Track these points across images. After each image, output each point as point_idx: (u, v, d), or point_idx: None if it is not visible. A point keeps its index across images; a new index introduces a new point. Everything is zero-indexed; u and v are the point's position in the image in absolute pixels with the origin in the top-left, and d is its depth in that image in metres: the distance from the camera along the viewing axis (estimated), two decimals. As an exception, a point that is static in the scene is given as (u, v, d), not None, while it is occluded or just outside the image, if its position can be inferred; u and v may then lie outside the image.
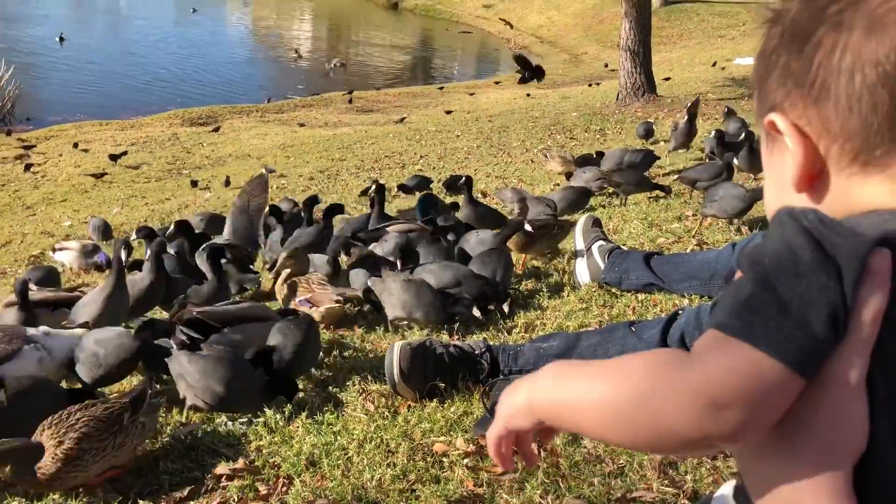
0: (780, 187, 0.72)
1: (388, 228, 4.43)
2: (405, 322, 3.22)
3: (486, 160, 9.97)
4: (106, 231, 7.25)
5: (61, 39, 24.75)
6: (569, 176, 6.62)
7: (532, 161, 9.19)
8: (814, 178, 0.70)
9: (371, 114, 17.76)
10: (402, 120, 15.38)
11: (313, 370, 2.84)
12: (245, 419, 2.56)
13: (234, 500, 2.11)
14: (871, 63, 0.63)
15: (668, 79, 16.13)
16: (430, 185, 7.57)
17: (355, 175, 9.81)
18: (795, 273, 0.63)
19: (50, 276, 4.74)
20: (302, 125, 15.35)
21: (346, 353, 3.03)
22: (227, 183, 9.65)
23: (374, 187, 4.98)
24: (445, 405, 2.45)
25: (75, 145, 13.19)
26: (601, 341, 2.52)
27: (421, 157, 10.89)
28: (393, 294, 3.18)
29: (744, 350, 0.63)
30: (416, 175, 8.19)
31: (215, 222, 5.84)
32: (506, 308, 3.26)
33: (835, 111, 0.66)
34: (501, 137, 11.98)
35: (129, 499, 2.15)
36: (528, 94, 18.27)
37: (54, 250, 6.10)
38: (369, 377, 2.72)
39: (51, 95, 18.65)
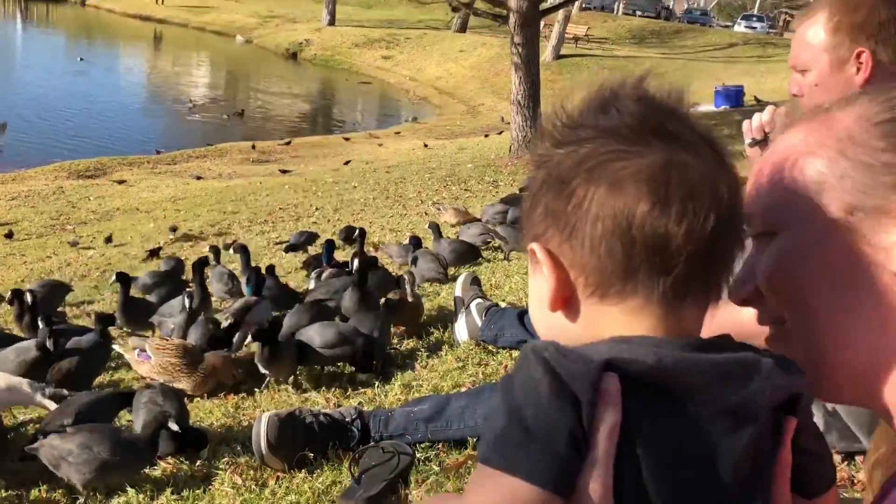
0: (540, 304, 0.82)
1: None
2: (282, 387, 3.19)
3: (381, 212, 10.04)
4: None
5: None
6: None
7: (427, 213, 9.31)
8: (566, 301, 0.80)
9: (267, 164, 17.61)
10: (285, 172, 15.37)
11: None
12: (109, 498, 2.47)
13: (86, 589, 2.02)
14: (609, 216, 0.76)
15: (559, 130, 16.68)
16: (316, 242, 7.55)
17: (247, 229, 9.69)
18: (536, 402, 0.71)
19: None
20: (199, 178, 15.06)
21: (216, 423, 2.97)
22: (109, 240, 9.34)
23: (233, 247, 4.95)
24: (314, 475, 2.43)
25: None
26: (469, 403, 2.57)
27: (316, 209, 10.86)
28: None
29: (502, 479, 0.71)
30: (302, 231, 8.14)
31: (58, 291, 5.54)
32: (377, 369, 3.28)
33: (581, 250, 0.78)
34: (398, 188, 12.10)
35: None
36: (426, 145, 18.57)
37: None
38: (239, 448, 2.67)
39: (-76, 147, 17.67)
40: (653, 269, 0.75)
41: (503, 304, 4.10)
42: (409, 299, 3.83)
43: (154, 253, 8.16)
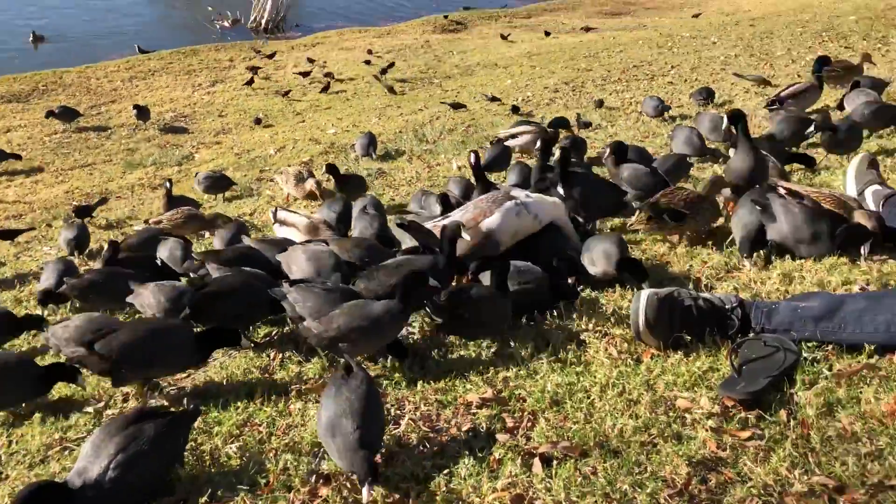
0: None
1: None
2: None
3: (744, 71, 9.25)
4: (372, 144, 7.39)
5: None
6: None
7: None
8: None
9: (620, 17, 17.04)
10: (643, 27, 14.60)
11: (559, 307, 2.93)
12: (492, 350, 2.73)
13: (482, 428, 2.28)
14: None
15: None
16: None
17: (601, 87, 9.57)
18: None
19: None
20: (548, 34, 15.09)
21: (585, 294, 3.08)
22: (457, 107, 9.67)
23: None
24: (690, 358, 2.44)
25: (309, 60, 13.85)
26: (868, 307, 2.36)
27: (672, 67, 10.33)
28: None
29: None
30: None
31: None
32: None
33: None
34: (763, 45, 11.01)
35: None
36: (799, -7, 16.46)
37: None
38: (611, 321, 2.77)
39: (317, 2, 19.88)
40: None
41: (904, 192, 3.63)
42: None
43: (515, 110, 8.47)
